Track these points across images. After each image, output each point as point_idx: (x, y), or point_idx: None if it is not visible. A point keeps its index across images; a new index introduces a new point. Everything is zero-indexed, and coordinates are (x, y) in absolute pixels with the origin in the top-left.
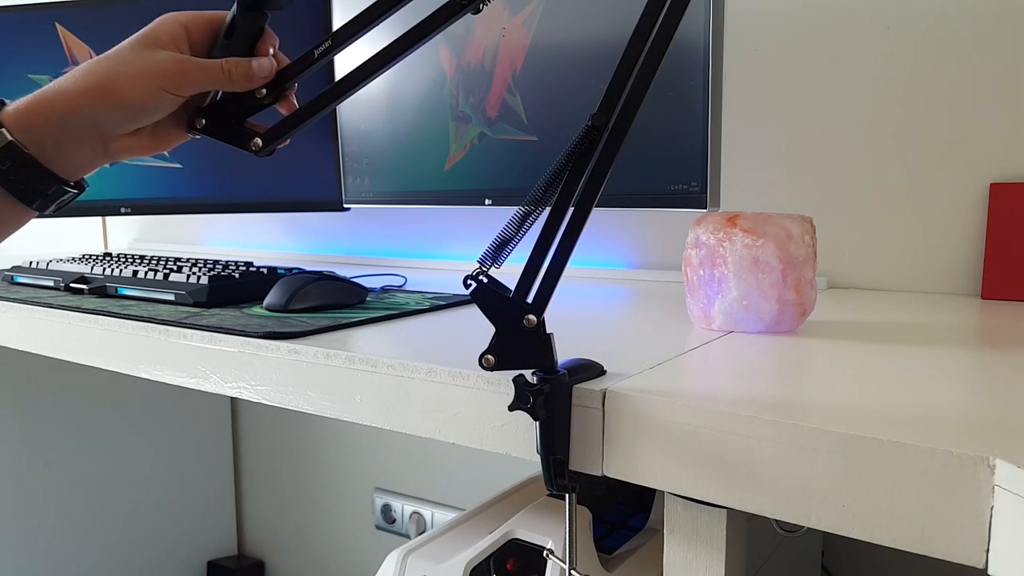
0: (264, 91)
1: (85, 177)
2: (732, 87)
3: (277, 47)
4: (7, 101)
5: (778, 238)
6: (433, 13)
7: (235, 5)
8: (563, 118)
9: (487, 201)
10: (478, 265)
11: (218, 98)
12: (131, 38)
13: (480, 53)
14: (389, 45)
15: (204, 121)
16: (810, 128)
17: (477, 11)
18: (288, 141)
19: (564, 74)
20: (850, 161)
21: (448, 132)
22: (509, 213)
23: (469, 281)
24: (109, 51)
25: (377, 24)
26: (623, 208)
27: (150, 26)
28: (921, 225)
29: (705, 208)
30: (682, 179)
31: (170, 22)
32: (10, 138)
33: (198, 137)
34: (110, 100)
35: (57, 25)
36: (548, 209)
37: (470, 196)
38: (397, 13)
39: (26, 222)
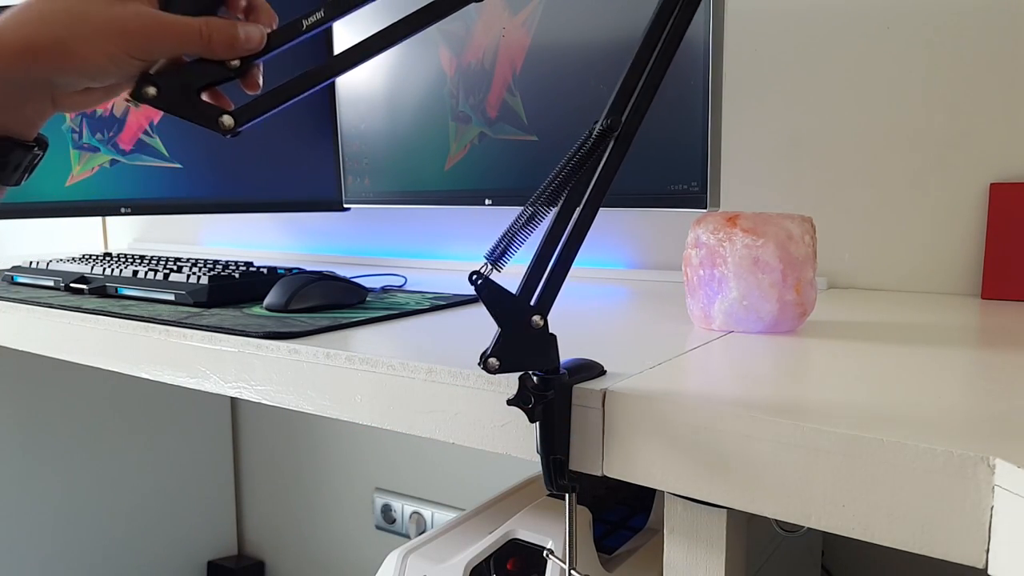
0: (238, 62)
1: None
2: (732, 87)
3: (274, 20)
4: None
5: (778, 238)
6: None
7: None
8: (563, 118)
9: (487, 201)
10: (485, 262)
11: (166, 64)
12: None
13: (480, 53)
14: (392, 26)
15: (154, 90)
16: (810, 128)
17: None
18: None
19: (564, 74)
20: (850, 161)
21: (448, 132)
22: (509, 213)
23: (476, 278)
24: None
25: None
26: (623, 208)
27: None
28: (921, 225)
29: (705, 208)
30: (682, 179)
31: None
32: None
33: (139, 105)
34: (64, 63)
35: None
36: (554, 210)
37: (470, 196)
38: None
39: (2, 195)
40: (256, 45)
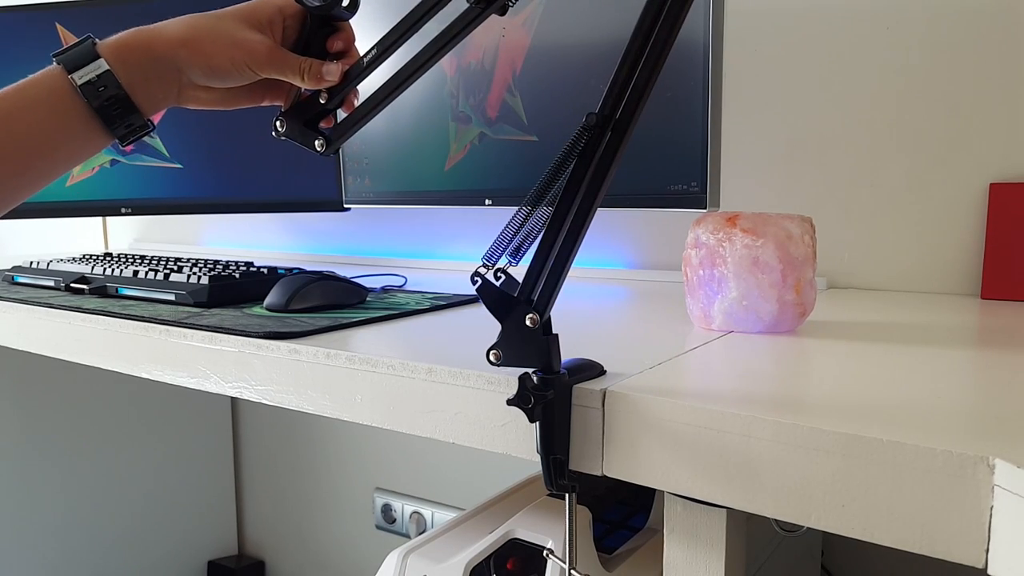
0: (326, 97)
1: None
2: (732, 87)
3: (352, 42)
4: (96, 39)
5: (778, 238)
6: (460, 16)
7: (309, 19)
8: (563, 118)
9: (487, 201)
10: (482, 263)
11: (290, 105)
12: (234, 9)
13: (480, 53)
14: (421, 52)
15: (284, 127)
16: (810, 128)
17: (503, 12)
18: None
19: (564, 74)
20: (850, 161)
21: (448, 132)
22: (509, 213)
23: (475, 278)
24: (212, 12)
25: (416, 31)
26: (623, 208)
27: (253, 4)
28: (921, 225)
29: (705, 208)
30: (682, 179)
31: (270, 7)
32: (108, 67)
33: (280, 138)
34: (199, 58)
35: (57, 25)
36: (552, 209)
37: (470, 196)
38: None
39: (102, 148)
40: (335, 79)
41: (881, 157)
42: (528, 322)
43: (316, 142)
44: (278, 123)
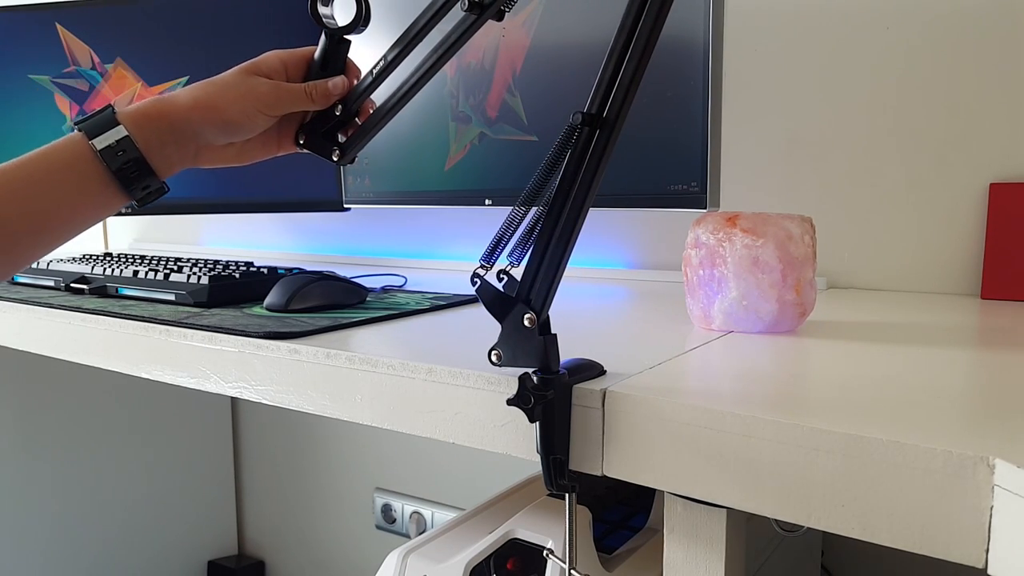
0: (340, 109)
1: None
2: (732, 87)
3: (359, 74)
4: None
5: (778, 238)
6: (458, 23)
7: (324, 39)
8: (563, 118)
9: (487, 201)
10: (480, 263)
11: (309, 118)
12: (237, 68)
13: (480, 53)
14: (424, 60)
15: (303, 139)
16: (810, 128)
17: (500, 18)
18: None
19: (564, 74)
20: (850, 161)
21: (448, 132)
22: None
23: (475, 278)
24: (218, 76)
25: (420, 41)
26: (623, 208)
27: (255, 59)
28: (921, 225)
29: (705, 208)
30: (682, 179)
31: (271, 58)
32: (127, 133)
33: (302, 150)
34: (214, 116)
35: (57, 25)
36: (546, 209)
37: (470, 196)
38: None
39: (116, 210)
40: (341, 91)
41: (881, 157)
42: (526, 322)
43: (332, 153)
44: (299, 136)
